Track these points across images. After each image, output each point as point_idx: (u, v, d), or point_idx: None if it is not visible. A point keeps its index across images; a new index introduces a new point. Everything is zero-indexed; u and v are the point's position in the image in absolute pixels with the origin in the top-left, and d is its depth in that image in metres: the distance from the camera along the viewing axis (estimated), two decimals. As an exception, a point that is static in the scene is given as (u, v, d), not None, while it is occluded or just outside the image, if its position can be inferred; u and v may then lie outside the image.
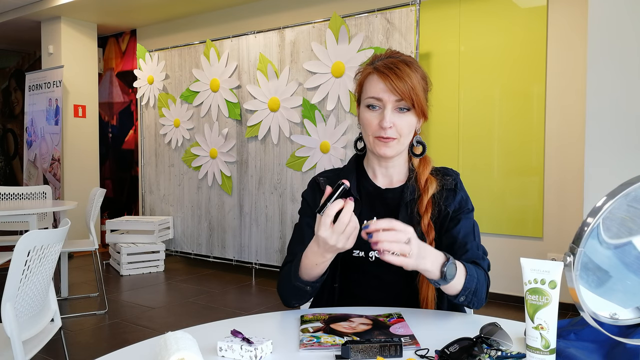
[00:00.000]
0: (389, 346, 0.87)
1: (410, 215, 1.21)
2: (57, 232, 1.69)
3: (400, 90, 1.14)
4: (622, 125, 2.60)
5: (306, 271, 1.10)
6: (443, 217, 1.22)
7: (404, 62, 1.17)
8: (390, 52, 1.24)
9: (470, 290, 1.07)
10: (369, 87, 1.19)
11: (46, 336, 1.79)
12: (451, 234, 1.20)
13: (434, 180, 1.23)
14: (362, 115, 1.21)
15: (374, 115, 1.18)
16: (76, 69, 5.87)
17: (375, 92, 1.17)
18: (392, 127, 1.16)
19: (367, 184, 1.27)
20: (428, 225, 1.20)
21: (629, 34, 2.58)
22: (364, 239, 0.97)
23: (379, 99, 1.17)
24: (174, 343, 0.79)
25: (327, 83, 4.02)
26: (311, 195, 1.30)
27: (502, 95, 3.87)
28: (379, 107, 1.18)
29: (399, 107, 1.17)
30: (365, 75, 1.21)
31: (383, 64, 1.17)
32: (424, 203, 1.21)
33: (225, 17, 5.36)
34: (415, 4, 3.62)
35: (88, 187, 5.70)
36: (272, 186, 4.45)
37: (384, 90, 1.16)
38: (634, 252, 0.77)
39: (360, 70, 1.25)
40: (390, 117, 1.16)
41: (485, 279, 1.14)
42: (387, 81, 1.15)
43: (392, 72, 1.15)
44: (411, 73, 1.16)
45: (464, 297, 1.07)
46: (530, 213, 3.78)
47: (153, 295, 4.15)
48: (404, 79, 1.15)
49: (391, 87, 1.15)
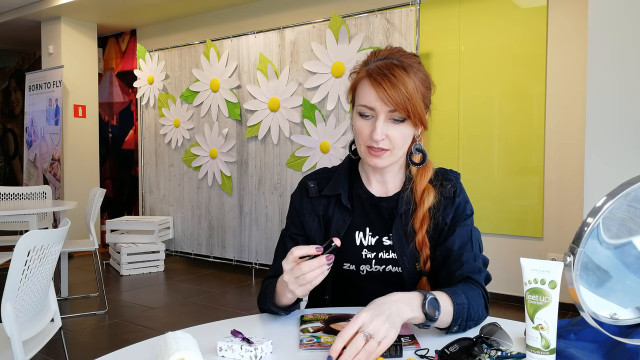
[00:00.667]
0: (389, 346, 0.87)
1: (404, 228, 1.15)
2: (57, 232, 1.69)
3: (394, 101, 1.04)
4: (622, 125, 2.60)
5: (278, 297, 1.06)
6: (440, 230, 1.15)
7: (400, 67, 1.07)
8: (389, 50, 1.12)
9: (463, 319, 0.97)
10: (361, 94, 1.09)
11: (46, 336, 1.79)
12: (446, 245, 1.13)
13: (431, 191, 1.15)
14: (354, 122, 1.12)
15: (365, 124, 1.09)
16: (76, 69, 5.87)
17: (367, 100, 1.07)
18: (384, 139, 1.08)
19: (361, 191, 1.20)
20: (422, 241, 1.13)
21: (629, 34, 2.58)
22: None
23: (371, 108, 1.07)
24: (174, 343, 0.79)
25: (327, 83, 4.02)
26: (299, 199, 1.24)
27: (502, 95, 3.87)
28: (371, 115, 1.08)
29: (392, 118, 1.07)
30: (358, 80, 1.11)
31: (377, 69, 1.07)
32: (419, 217, 1.13)
33: (225, 17, 5.36)
34: (415, 4, 3.62)
35: (88, 187, 5.70)
36: (272, 186, 4.45)
37: (376, 99, 1.06)
38: (634, 252, 0.77)
39: (355, 69, 1.15)
40: (382, 129, 1.06)
41: (480, 296, 1.03)
42: (380, 90, 1.05)
43: (385, 79, 1.05)
44: (407, 80, 1.05)
45: (457, 327, 0.97)
46: (530, 213, 3.78)
47: (153, 295, 4.15)
48: (399, 88, 1.04)
49: (384, 97, 1.05)
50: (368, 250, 1.17)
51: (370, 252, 1.17)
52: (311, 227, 1.21)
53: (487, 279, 1.13)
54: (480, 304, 1.02)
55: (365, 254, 1.17)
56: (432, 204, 1.14)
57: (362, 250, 1.17)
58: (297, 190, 1.26)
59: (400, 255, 1.14)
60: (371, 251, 1.17)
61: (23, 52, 7.58)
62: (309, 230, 1.21)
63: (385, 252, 1.16)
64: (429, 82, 1.13)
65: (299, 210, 1.23)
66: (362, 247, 1.17)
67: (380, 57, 1.11)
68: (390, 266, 1.16)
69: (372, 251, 1.17)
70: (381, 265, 1.16)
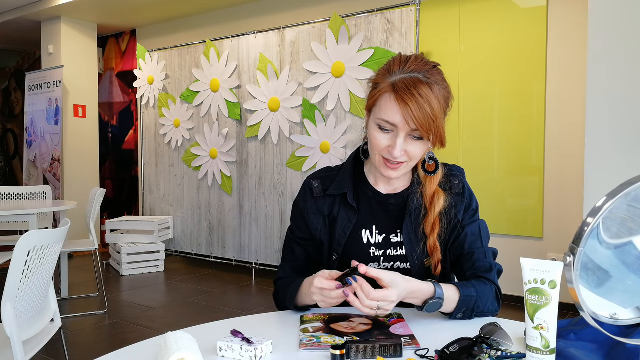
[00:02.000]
0: (389, 346, 0.87)
1: (415, 229, 1.16)
2: (57, 232, 1.69)
3: (419, 123, 1.02)
4: (622, 125, 2.60)
5: (301, 299, 1.13)
6: (453, 227, 1.16)
7: (427, 85, 1.03)
8: (415, 61, 1.07)
9: (468, 308, 1.05)
10: (383, 108, 1.05)
11: (46, 336, 1.79)
12: (457, 246, 1.17)
13: (441, 195, 1.15)
14: (371, 132, 1.09)
15: (384, 137, 1.07)
16: (76, 69, 5.87)
17: (389, 116, 1.04)
18: (403, 154, 1.07)
19: (367, 189, 1.20)
20: (434, 245, 1.14)
21: (629, 33, 2.58)
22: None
23: (394, 124, 1.04)
24: (174, 343, 0.79)
25: (327, 83, 4.02)
26: (303, 200, 1.23)
27: (502, 95, 3.87)
28: (391, 130, 1.06)
29: (413, 135, 1.06)
30: (381, 91, 1.06)
31: (403, 84, 1.02)
32: (430, 221, 1.14)
33: (225, 17, 5.36)
34: (415, 4, 3.62)
35: (88, 187, 5.70)
36: (272, 186, 4.45)
37: (400, 117, 1.03)
38: (634, 252, 0.77)
39: (375, 78, 1.10)
40: (402, 146, 1.05)
41: (491, 291, 1.10)
42: (406, 110, 1.02)
43: (412, 98, 1.01)
44: (433, 98, 1.02)
45: (461, 314, 1.06)
46: (530, 213, 3.78)
47: (153, 295, 4.15)
48: (425, 110, 1.01)
49: (409, 117, 1.02)
50: (376, 248, 1.18)
51: (378, 249, 1.18)
52: (316, 227, 1.21)
53: (499, 272, 1.17)
54: (489, 298, 1.08)
55: (373, 251, 1.18)
56: (443, 207, 1.15)
57: (369, 248, 1.18)
58: (301, 192, 1.25)
59: (410, 251, 1.16)
60: (379, 249, 1.18)
61: (23, 52, 7.58)
62: (314, 231, 1.22)
63: (393, 249, 1.17)
64: (450, 97, 1.10)
65: (303, 211, 1.23)
66: (369, 245, 1.18)
67: (405, 71, 1.06)
68: (399, 263, 1.17)
69: (380, 249, 1.18)
70: (389, 262, 1.18)
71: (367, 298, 0.95)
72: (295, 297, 1.13)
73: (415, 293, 1.02)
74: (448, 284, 1.08)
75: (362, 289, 0.96)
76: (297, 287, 1.13)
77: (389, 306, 0.97)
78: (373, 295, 0.96)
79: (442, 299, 1.03)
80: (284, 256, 1.27)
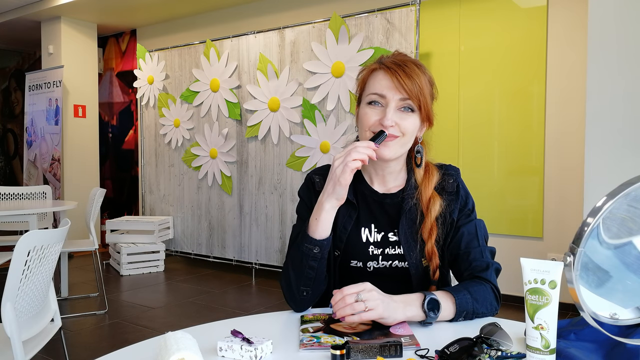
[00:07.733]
0: (389, 346, 0.87)
1: (411, 229, 1.16)
2: (57, 232, 1.69)
3: (408, 89, 1.07)
4: (622, 125, 2.60)
5: (311, 229, 1.10)
6: (449, 227, 1.17)
7: (413, 62, 1.11)
8: (398, 53, 1.17)
9: (468, 311, 1.04)
10: (373, 83, 1.11)
11: (46, 336, 1.79)
12: (453, 246, 1.16)
13: (437, 200, 1.15)
14: (361, 111, 1.13)
15: (374, 112, 1.10)
16: (76, 69, 5.87)
17: (378, 88, 1.09)
18: (394, 126, 1.09)
19: (364, 188, 1.22)
20: (432, 250, 1.14)
21: (629, 33, 2.58)
22: None
23: (383, 95, 1.09)
24: (174, 343, 0.79)
25: (327, 83, 4.02)
26: (307, 194, 1.25)
27: (502, 95, 3.87)
28: (381, 104, 1.10)
29: (403, 107, 1.10)
30: (370, 72, 1.14)
31: (391, 61, 1.11)
32: (427, 227, 1.14)
33: (225, 17, 5.36)
34: (415, 4, 3.62)
35: (88, 187, 5.70)
36: (272, 186, 4.45)
37: (389, 87, 1.08)
38: (634, 252, 0.77)
39: (364, 68, 1.18)
40: (392, 115, 1.08)
41: (488, 291, 1.09)
42: (394, 77, 1.07)
43: (400, 68, 1.08)
44: (420, 74, 1.09)
45: (462, 318, 1.04)
46: (530, 213, 3.78)
47: (153, 295, 4.15)
48: (413, 78, 1.07)
49: (398, 84, 1.07)
50: (374, 246, 1.18)
51: (376, 248, 1.18)
52: None
53: (497, 270, 1.16)
54: (487, 297, 1.07)
55: (372, 250, 1.18)
56: (439, 212, 1.15)
57: (368, 247, 1.18)
58: (304, 185, 1.28)
59: (407, 250, 1.16)
60: (377, 247, 1.18)
61: (23, 52, 7.58)
62: None
63: (392, 248, 1.18)
64: (434, 87, 1.17)
65: (307, 202, 1.25)
66: (368, 244, 1.19)
67: (390, 56, 1.14)
68: (397, 261, 1.18)
69: (379, 247, 1.18)
70: (388, 261, 1.18)
71: (344, 292, 0.96)
72: (307, 229, 1.11)
73: (399, 300, 1.01)
74: (440, 290, 1.07)
75: (341, 291, 0.97)
76: (306, 227, 1.11)
77: (370, 295, 0.96)
78: (349, 289, 0.97)
79: (435, 296, 1.02)
80: (291, 243, 1.25)
